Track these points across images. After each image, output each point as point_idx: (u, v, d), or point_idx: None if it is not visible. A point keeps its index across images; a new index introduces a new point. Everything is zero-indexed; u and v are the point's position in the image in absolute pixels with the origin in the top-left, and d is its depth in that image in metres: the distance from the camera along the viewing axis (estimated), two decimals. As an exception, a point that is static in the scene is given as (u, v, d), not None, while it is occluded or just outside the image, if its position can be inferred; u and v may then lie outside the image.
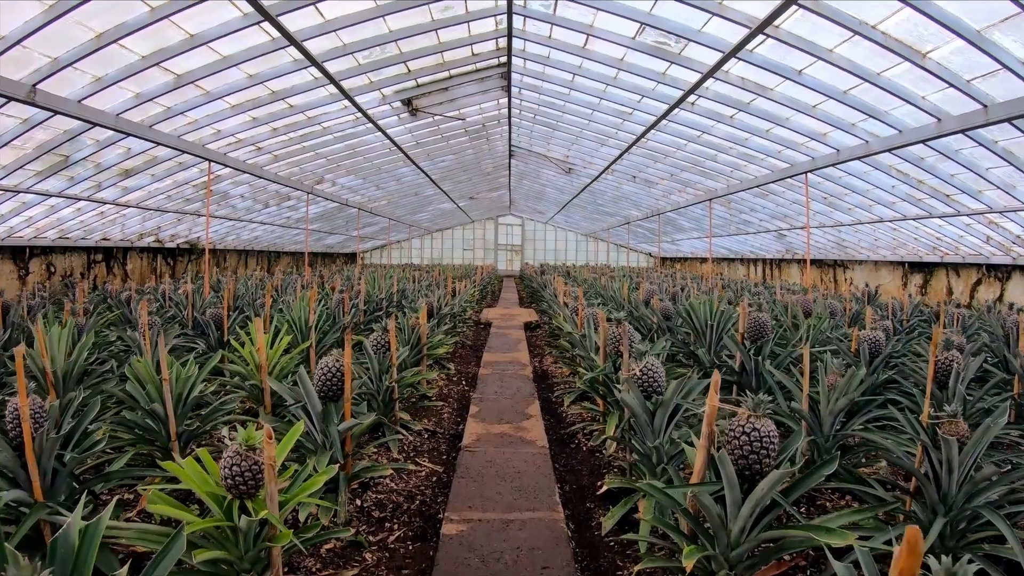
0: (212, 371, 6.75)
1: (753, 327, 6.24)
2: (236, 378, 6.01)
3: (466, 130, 15.00)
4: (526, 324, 13.57)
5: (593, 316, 7.15)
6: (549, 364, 9.41)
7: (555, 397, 7.34)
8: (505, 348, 10.11)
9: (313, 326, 7.13)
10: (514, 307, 17.58)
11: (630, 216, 26.22)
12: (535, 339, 12.00)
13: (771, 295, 13.28)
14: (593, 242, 41.13)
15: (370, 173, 17.40)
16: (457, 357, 9.82)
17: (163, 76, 8.88)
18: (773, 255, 25.17)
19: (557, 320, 9.75)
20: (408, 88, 10.87)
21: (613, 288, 12.98)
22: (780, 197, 15.56)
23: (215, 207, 16.94)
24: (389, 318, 5.76)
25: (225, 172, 13.98)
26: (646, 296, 10.24)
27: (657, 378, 4.31)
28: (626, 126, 12.66)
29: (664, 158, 14.70)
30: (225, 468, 2.69)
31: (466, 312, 13.71)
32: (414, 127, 13.42)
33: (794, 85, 9.23)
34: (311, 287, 12.73)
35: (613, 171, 17.57)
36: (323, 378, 4.23)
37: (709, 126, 11.67)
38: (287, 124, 11.64)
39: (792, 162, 12.43)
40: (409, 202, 25.32)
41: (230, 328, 8.57)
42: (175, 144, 10.83)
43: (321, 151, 13.86)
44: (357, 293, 10.25)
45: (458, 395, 7.45)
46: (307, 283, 14.84)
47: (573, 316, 8.18)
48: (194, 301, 10.80)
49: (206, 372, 5.11)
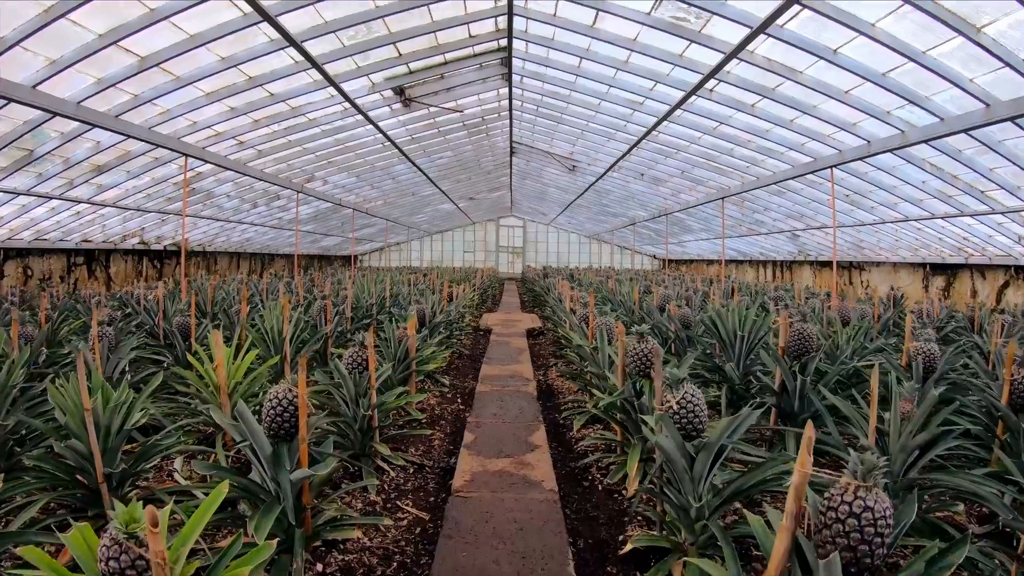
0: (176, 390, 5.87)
1: (797, 341, 5.34)
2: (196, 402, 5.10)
3: (464, 124, 14.08)
4: (528, 331, 12.65)
5: (608, 327, 6.22)
6: (554, 377, 8.49)
7: (563, 419, 6.41)
8: (506, 359, 9.18)
9: (288, 337, 6.22)
10: (516, 312, 16.66)
11: (636, 217, 25.29)
12: (538, 347, 11.08)
13: (793, 300, 12.34)
14: (596, 244, 40.21)
15: (364, 171, 16.48)
16: (453, 369, 8.89)
17: (125, 58, 7.98)
18: (785, 257, 24.23)
19: (564, 329, 8.82)
20: (399, 75, 9.95)
21: (622, 292, 12.06)
22: (798, 195, 14.62)
23: (200, 207, 16.05)
24: (367, 331, 4.84)
25: (206, 169, 13.09)
26: (661, 302, 9.31)
27: (699, 413, 3.41)
28: (636, 117, 11.73)
29: (676, 153, 13.76)
30: (102, 562, 1.81)
31: (464, 318, 12.79)
32: (408, 120, 12.51)
33: (827, 67, 8.31)
34: (296, 291, 11.82)
35: (620, 168, 16.63)
36: (273, 412, 3.33)
37: (727, 116, 10.75)
38: (269, 115, 10.73)
39: (816, 156, 11.50)
40: (407, 202, 24.41)
41: (200, 338, 7.68)
42: (146, 136, 9.94)
43: (309, 146, 12.95)
44: (344, 299, 9.34)
45: (452, 416, 6.53)
46: (296, 287, 13.94)
47: (582, 325, 7.26)
48: (166, 308, 9.91)
49: (146, 396, 4.21)
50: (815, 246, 20.74)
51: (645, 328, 4.76)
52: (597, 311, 7.78)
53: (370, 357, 4.79)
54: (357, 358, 4.88)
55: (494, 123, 14.68)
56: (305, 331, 7.47)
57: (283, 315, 6.34)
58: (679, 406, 3.36)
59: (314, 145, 12.95)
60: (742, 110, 10.07)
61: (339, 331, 8.22)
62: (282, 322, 6.48)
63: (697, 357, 7.38)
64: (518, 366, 8.54)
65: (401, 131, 13.18)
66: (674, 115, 10.97)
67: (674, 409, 3.36)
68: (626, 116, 11.85)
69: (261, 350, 6.71)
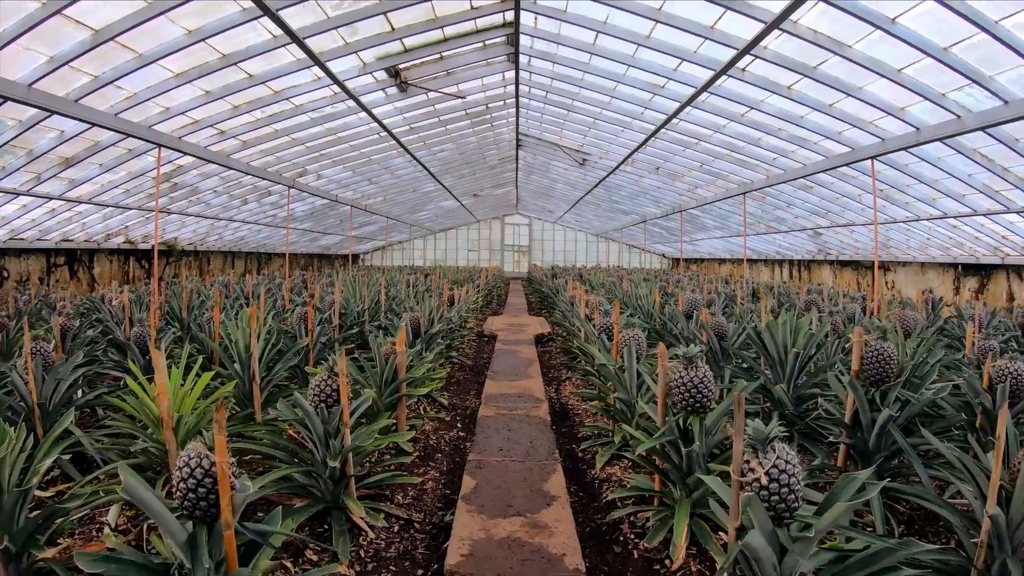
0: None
1: (874, 363, 4.29)
2: (145, 437, 4.08)
3: (466, 112, 13.02)
4: (536, 337, 11.60)
5: (637, 341, 5.18)
6: (568, 393, 7.44)
7: (581, 450, 5.37)
8: (513, 372, 8.14)
9: (257, 354, 5.20)
10: (522, 315, 15.61)
11: (647, 214, 24.19)
12: (548, 356, 10.03)
13: (828, 303, 11.27)
14: (604, 242, 39.14)
15: (360, 165, 15.44)
16: (453, 384, 7.86)
17: (77, 32, 6.96)
18: (803, 256, 23.12)
19: (578, 341, 7.77)
20: (393, 53, 8.90)
21: (639, 295, 10.99)
22: (827, 189, 13.52)
23: (185, 203, 15.05)
24: (347, 349, 3.80)
25: (187, 161, 12.07)
26: (688, 307, 8.25)
27: (794, 487, 2.39)
28: (656, 102, 10.66)
29: (696, 144, 12.67)
30: None
31: (467, 323, 11.76)
32: (405, 107, 11.46)
33: (880, 40, 7.23)
34: (283, 295, 10.82)
35: (634, 161, 15.55)
36: (186, 485, 2.32)
37: (759, 100, 9.67)
38: (249, 100, 9.71)
39: (854, 145, 10.41)
40: (407, 199, 23.37)
41: (166, 351, 6.66)
42: (112, 124, 8.92)
43: (298, 136, 11.92)
44: (331, 304, 8.32)
45: (450, 447, 5.49)
46: (283, 290, 12.91)
47: (602, 337, 6.21)
48: (132, 314, 8.90)
49: (50, 444, 3.24)
50: (837, 244, 19.64)
51: (695, 351, 3.71)
52: (602, 311, 6.73)
53: (342, 388, 3.76)
54: (325, 388, 3.85)
55: (499, 112, 13.61)
56: (280, 344, 6.45)
57: (250, 327, 5.31)
58: (769, 478, 2.32)
59: (304, 135, 11.92)
60: (777, 92, 8.99)
61: (323, 342, 7.19)
62: (249, 335, 5.46)
63: (734, 373, 6.36)
64: (527, 382, 7.49)
65: (398, 119, 12.13)
66: (699, 100, 9.90)
67: (762, 483, 2.31)
68: (644, 102, 10.76)
69: (230, 369, 5.71)
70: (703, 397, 3.73)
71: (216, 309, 6.78)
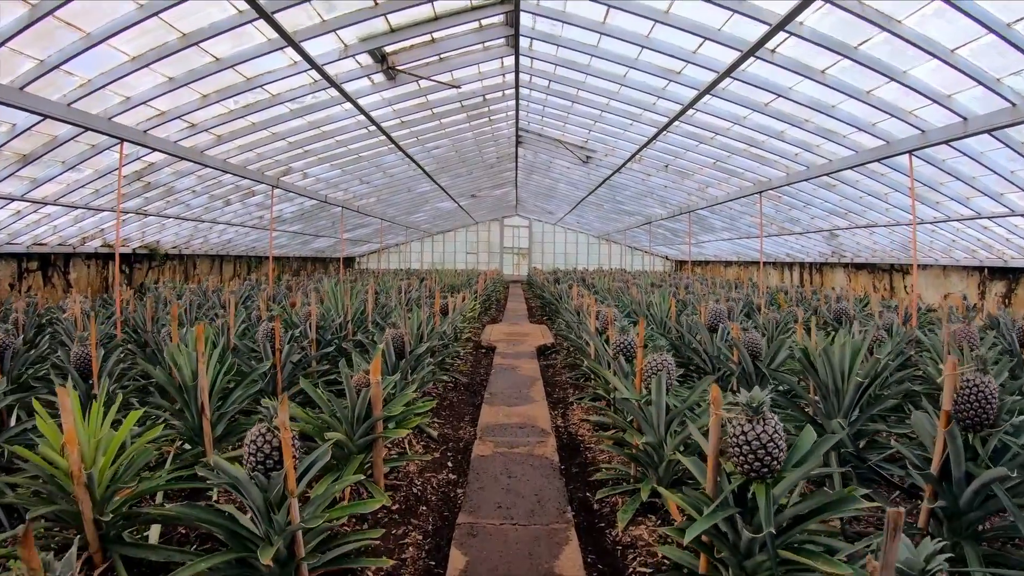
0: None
1: (971, 403, 3.34)
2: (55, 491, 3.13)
3: (462, 104, 12.02)
4: (539, 349, 10.62)
5: (667, 368, 4.20)
6: (577, 420, 6.45)
7: (598, 501, 4.38)
8: (513, 394, 7.15)
9: (206, 384, 4.22)
10: (523, 322, 14.64)
11: (652, 215, 23.21)
12: (551, 371, 9.05)
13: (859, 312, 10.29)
14: (605, 245, 38.16)
15: (349, 163, 14.44)
16: (445, 408, 6.87)
17: (11, 6, 5.99)
18: (815, 258, 22.16)
19: (589, 361, 6.79)
20: (378, 33, 7.91)
21: (651, 302, 10.00)
22: (852, 188, 12.55)
23: (162, 204, 14.06)
24: (280, 402, 2.82)
25: (158, 159, 11.09)
26: (711, 319, 7.26)
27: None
28: (672, 90, 9.67)
29: (712, 138, 11.68)
30: None
31: (463, 333, 10.77)
32: (394, 97, 10.47)
33: (936, 14, 6.27)
34: (258, 305, 9.87)
35: (641, 158, 14.57)
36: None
37: (787, 87, 8.69)
38: (219, 88, 8.73)
39: (889, 138, 9.45)
40: (402, 200, 22.37)
41: (113, 374, 5.70)
42: (64, 115, 7.93)
43: (278, 131, 10.94)
44: (306, 316, 7.32)
45: (439, 495, 4.50)
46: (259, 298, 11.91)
47: (619, 359, 5.23)
48: (86, 328, 7.90)
49: None
50: (853, 246, 18.68)
51: (761, 397, 2.74)
52: (617, 326, 5.78)
53: (284, 448, 2.77)
54: (264, 445, 2.87)
55: (497, 104, 12.61)
56: (236, 371, 5.48)
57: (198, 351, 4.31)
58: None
59: (284, 129, 10.94)
60: (809, 77, 8.00)
61: (295, 361, 6.21)
62: (196, 360, 4.48)
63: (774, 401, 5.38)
64: (529, 407, 6.50)
65: (387, 112, 11.13)
66: (719, 87, 8.93)
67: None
68: (657, 90, 9.77)
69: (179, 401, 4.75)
70: (771, 459, 2.75)
71: (174, 325, 5.80)
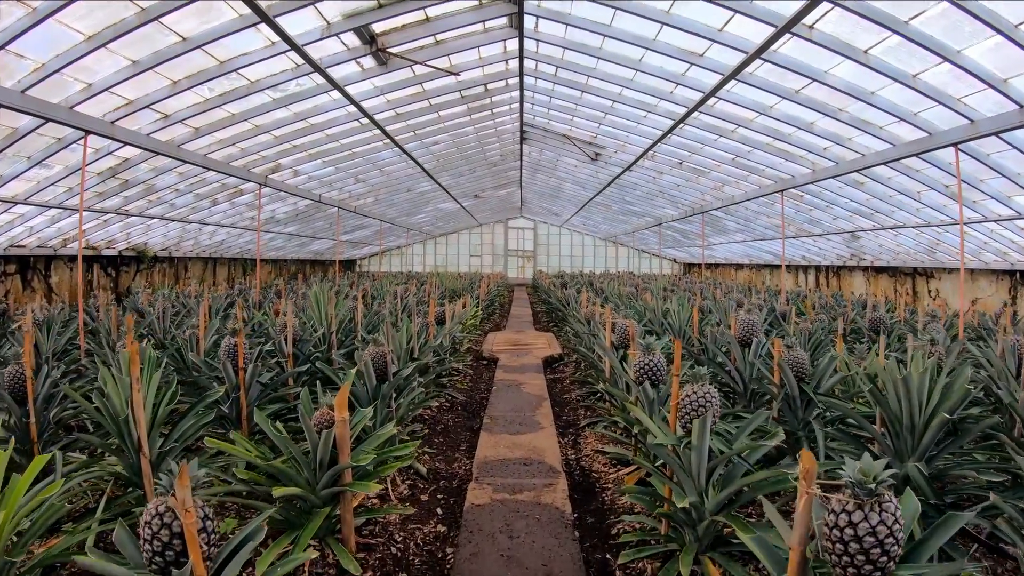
0: None
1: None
2: None
3: (462, 95, 11.12)
4: (545, 360, 9.71)
5: (710, 404, 3.30)
6: (590, 451, 5.54)
7: (620, 566, 3.47)
8: (516, 417, 6.24)
9: (143, 417, 3.31)
10: (527, 330, 13.73)
11: (663, 216, 22.28)
12: (559, 386, 8.14)
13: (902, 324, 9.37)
14: (612, 247, 37.21)
15: (343, 159, 13.55)
16: (439, 433, 5.97)
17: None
18: (832, 261, 21.18)
19: (607, 387, 5.89)
20: (365, 9, 7.02)
21: (670, 310, 9.07)
22: (883, 185, 11.59)
23: (143, 203, 13.21)
24: (178, 477, 1.94)
25: (132, 154, 10.22)
26: (743, 333, 6.32)
27: None
28: (691, 76, 8.75)
29: (733, 131, 10.75)
30: None
31: (463, 343, 9.88)
32: (387, 86, 9.58)
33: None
34: (234, 313, 9.03)
35: (654, 155, 13.65)
36: None
37: (823, 70, 7.77)
38: (190, 73, 7.86)
39: (931, 129, 8.52)
40: (402, 201, 21.49)
41: (53, 398, 4.80)
42: (19, 104, 7.07)
43: (261, 123, 10.07)
44: (282, 328, 6.43)
45: (423, 558, 3.60)
46: (257, 303, 11.04)
47: (644, 388, 4.33)
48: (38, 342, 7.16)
49: None
50: (874, 248, 17.71)
51: (878, 470, 1.84)
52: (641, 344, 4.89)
53: (188, 539, 1.88)
54: (160, 530, 1.98)
55: (500, 95, 11.69)
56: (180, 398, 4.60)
57: (132, 376, 3.40)
58: None
59: (268, 121, 10.06)
60: (851, 57, 7.07)
61: (264, 383, 5.33)
62: (131, 388, 3.59)
63: (830, 436, 4.49)
64: (535, 436, 5.59)
65: (380, 102, 10.23)
66: (746, 72, 8.02)
67: None
68: (677, 76, 8.84)
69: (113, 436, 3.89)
70: (887, 559, 1.86)
71: (128, 338, 4.93)
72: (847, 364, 5.72)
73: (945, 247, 14.95)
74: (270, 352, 6.54)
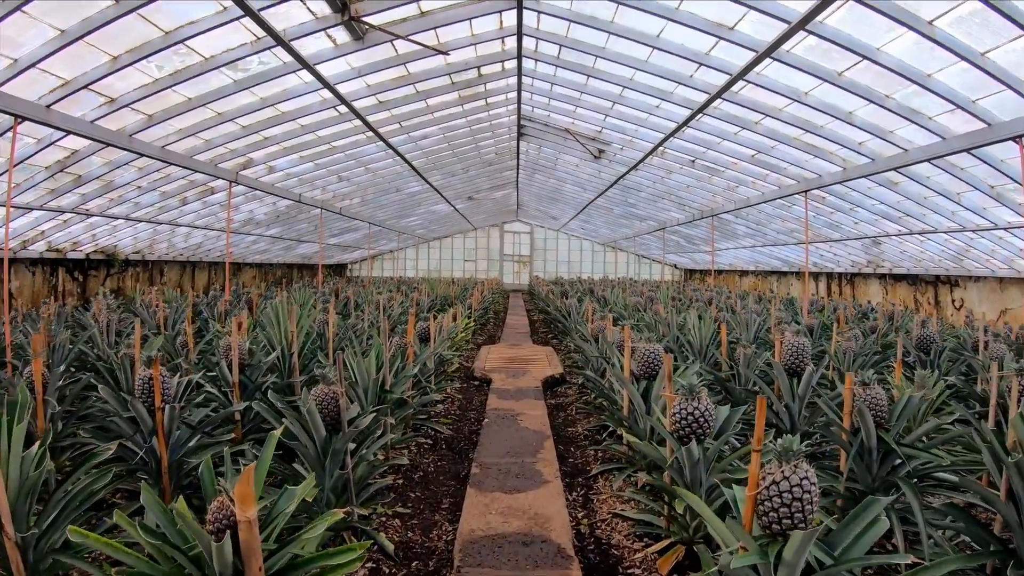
0: None
1: None
2: None
3: (453, 81, 9.92)
4: (545, 382, 8.51)
5: (809, 492, 2.12)
6: (606, 513, 4.34)
7: None
8: (513, 465, 5.02)
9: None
10: (524, 342, 12.53)
11: (668, 220, 21.12)
12: (563, 414, 6.94)
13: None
14: (611, 252, 36.06)
15: (323, 154, 12.33)
16: (416, 484, 4.76)
17: None
18: (846, 268, 20.03)
19: (632, 438, 4.71)
20: (333, -33, 5.86)
21: (688, 325, 7.87)
22: (921, 185, 10.43)
23: (104, 202, 11.99)
24: None
25: (82, 145, 9.01)
26: (791, 359, 5.11)
27: None
28: (717, 55, 7.56)
29: (757, 122, 9.58)
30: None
31: (452, 364, 8.69)
32: (365, 67, 8.37)
33: None
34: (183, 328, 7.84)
35: (664, 151, 12.48)
36: None
37: (875, 47, 6.62)
38: (132, 47, 6.67)
39: (990, 119, 7.37)
40: (391, 202, 20.26)
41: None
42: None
43: (222, 109, 8.86)
44: (226, 350, 5.21)
45: None
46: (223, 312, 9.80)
47: (687, 451, 3.16)
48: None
49: None
50: (896, 255, 16.57)
51: None
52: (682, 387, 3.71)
53: None
54: None
55: (496, 81, 10.46)
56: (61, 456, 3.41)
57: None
58: None
59: (231, 108, 8.85)
60: (914, 28, 5.91)
61: (196, 425, 4.14)
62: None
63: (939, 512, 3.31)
64: (537, 495, 4.37)
65: (359, 87, 9.02)
66: (782, 49, 6.86)
67: None
68: (699, 55, 7.62)
69: None
70: None
71: (36, 365, 3.76)
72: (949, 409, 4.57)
73: (975, 253, 13.80)
74: (215, 379, 5.35)
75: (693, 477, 3.45)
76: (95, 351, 6.76)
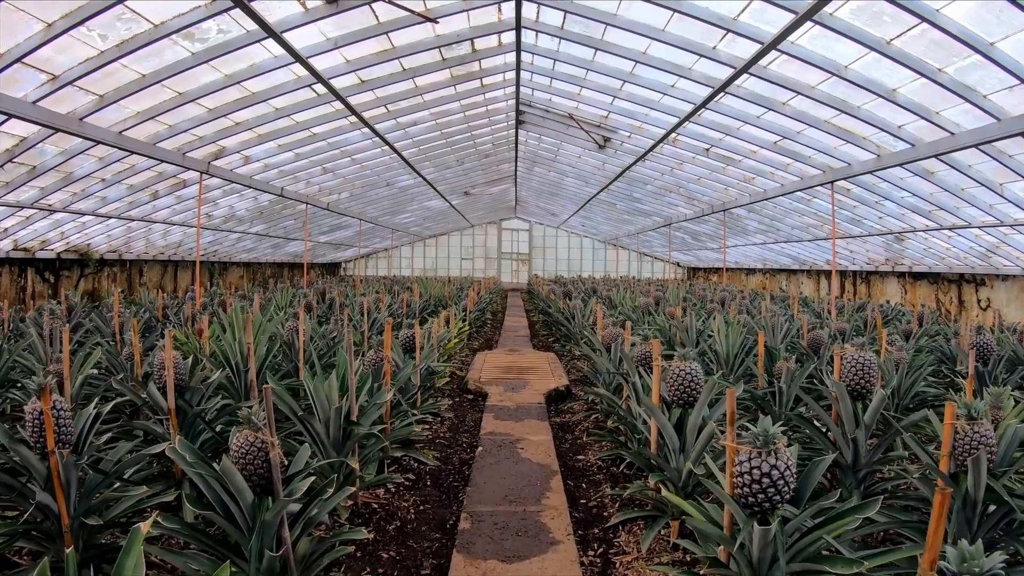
0: None
1: None
2: None
3: (443, 55, 8.88)
4: (548, 395, 7.53)
5: None
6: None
7: None
8: (512, 517, 4.03)
9: None
10: (524, 347, 11.55)
11: (674, 216, 20.14)
12: (570, 437, 5.95)
13: None
14: (612, 250, 35.07)
15: (303, 142, 11.30)
16: (391, 538, 3.75)
17: None
18: (862, 266, 19.04)
19: (670, 495, 3.75)
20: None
21: (716, 332, 6.90)
22: (961, 173, 9.44)
23: (66, 197, 10.97)
24: None
25: (31, 131, 7.99)
26: (854, 378, 4.09)
27: None
28: (744, 25, 6.60)
29: (784, 103, 8.56)
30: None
31: (442, 375, 7.70)
32: (343, 38, 7.34)
33: None
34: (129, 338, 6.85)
35: (675, 139, 11.48)
36: None
37: (934, 8, 5.63)
38: (67, 12, 5.67)
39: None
40: (382, 197, 19.24)
41: None
42: None
43: (182, 88, 7.85)
44: (160, 367, 4.20)
45: None
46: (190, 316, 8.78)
47: (755, 537, 2.19)
48: None
49: None
50: (919, 252, 15.60)
51: None
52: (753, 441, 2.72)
53: None
54: None
55: (492, 57, 9.38)
56: None
57: None
58: None
59: (194, 88, 7.84)
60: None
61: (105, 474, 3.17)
62: None
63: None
64: (543, 563, 3.37)
65: (336, 61, 7.98)
66: (824, 11, 5.88)
67: None
68: (727, 20, 6.63)
69: None
70: None
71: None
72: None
73: (1007, 250, 12.83)
74: (150, 406, 4.36)
75: (761, 559, 2.48)
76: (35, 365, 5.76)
